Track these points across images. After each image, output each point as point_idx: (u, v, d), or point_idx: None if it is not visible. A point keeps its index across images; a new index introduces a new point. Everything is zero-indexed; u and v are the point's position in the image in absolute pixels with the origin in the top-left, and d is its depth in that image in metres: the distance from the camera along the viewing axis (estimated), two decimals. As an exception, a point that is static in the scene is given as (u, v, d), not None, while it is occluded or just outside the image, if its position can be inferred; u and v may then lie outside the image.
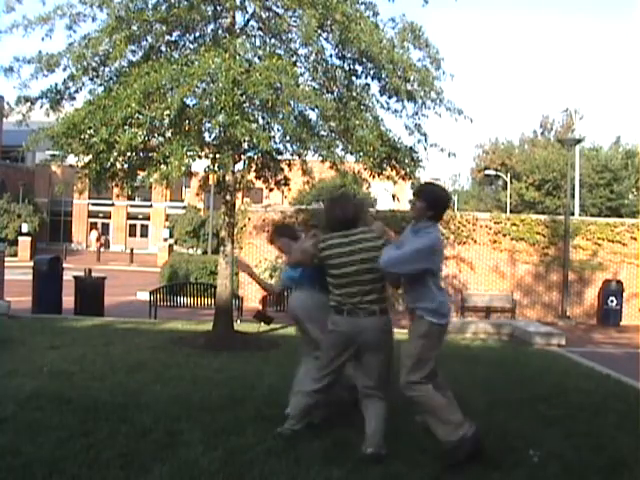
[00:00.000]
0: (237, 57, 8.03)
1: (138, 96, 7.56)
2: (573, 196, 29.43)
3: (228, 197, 9.66)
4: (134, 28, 8.27)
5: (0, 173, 44.27)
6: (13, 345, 8.21)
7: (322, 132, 8.92)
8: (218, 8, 8.78)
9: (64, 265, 14.00)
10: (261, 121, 8.86)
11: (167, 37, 8.91)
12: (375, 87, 9.17)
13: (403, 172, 9.51)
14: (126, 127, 7.91)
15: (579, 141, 22.23)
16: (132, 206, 51.76)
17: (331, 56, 9.02)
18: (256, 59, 8.50)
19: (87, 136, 8.21)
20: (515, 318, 16.60)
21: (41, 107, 8.81)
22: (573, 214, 27.70)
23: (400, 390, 4.35)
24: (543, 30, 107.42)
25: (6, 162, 46.05)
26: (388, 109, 9.33)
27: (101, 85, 8.76)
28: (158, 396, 5.53)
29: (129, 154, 8.75)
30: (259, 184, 10.78)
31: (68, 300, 12.99)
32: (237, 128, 7.68)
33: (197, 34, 9.12)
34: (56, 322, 10.87)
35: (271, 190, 10.73)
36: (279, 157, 9.99)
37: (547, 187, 40.46)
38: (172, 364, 7.26)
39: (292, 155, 9.99)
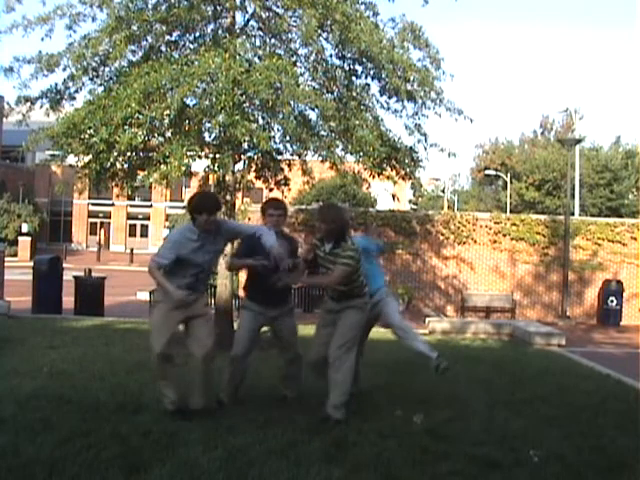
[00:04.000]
0: (237, 57, 8.03)
1: (138, 96, 7.55)
2: (573, 196, 29.40)
3: (228, 197, 9.63)
4: (134, 28, 8.26)
5: (0, 173, 44.24)
6: (13, 345, 8.21)
7: (322, 132, 8.91)
8: (218, 8, 8.78)
9: (64, 265, 14.01)
10: (261, 121, 8.86)
11: (167, 37, 8.90)
12: (375, 87, 9.19)
13: (403, 172, 9.51)
14: (126, 127, 7.91)
15: (579, 141, 22.23)
16: (132, 206, 51.77)
17: (331, 56, 9.03)
18: (256, 59, 8.50)
19: (87, 136, 8.20)
20: (515, 318, 16.60)
21: (41, 107, 8.80)
22: (573, 214, 27.69)
23: None
24: (543, 30, 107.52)
25: (6, 162, 45.98)
26: (388, 109, 9.33)
27: (101, 85, 8.75)
28: (158, 396, 5.52)
29: (129, 154, 8.74)
30: (259, 184, 10.76)
31: (68, 300, 12.99)
32: (237, 128, 7.67)
33: (197, 34, 9.11)
34: (56, 322, 10.86)
35: (271, 190, 10.71)
36: (279, 157, 9.97)
37: (547, 187, 40.48)
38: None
39: (292, 155, 9.97)
